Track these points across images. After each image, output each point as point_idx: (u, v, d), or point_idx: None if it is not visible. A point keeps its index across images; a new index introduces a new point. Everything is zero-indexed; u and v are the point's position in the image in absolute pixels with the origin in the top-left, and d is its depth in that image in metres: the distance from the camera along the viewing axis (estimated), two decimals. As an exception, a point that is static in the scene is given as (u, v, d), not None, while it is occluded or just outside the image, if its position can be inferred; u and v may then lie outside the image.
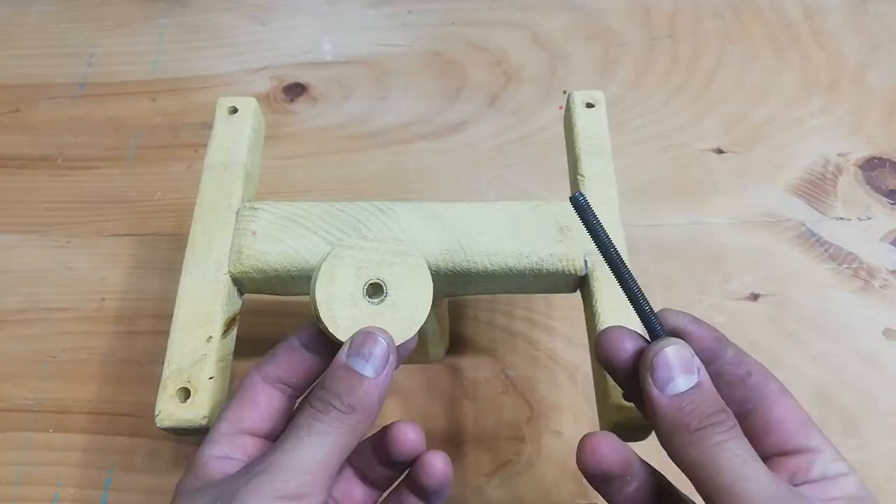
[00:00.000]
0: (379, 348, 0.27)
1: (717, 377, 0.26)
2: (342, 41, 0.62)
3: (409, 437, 0.29)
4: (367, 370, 0.27)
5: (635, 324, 0.31)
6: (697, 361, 0.26)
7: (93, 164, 0.54)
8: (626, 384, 0.28)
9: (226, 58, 0.61)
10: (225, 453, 0.27)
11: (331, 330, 0.28)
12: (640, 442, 0.30)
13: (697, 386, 0.25)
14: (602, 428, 0.31)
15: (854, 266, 0.49)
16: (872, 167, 0.54)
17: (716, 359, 0.27)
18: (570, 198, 0.27)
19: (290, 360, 0.29)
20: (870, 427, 0.43)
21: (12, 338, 0.47)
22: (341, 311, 0.28)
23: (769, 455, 0.26)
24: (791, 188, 0.53)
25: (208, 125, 0.38)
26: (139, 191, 0.53)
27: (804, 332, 0.46)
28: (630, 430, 0.30)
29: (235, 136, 0.37)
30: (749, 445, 0.24)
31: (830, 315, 0.47)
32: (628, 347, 0.27)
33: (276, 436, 0.28)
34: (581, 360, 0.45)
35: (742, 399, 0.27)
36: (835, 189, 0.53)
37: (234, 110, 0.38)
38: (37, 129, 0.57)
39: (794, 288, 0.48)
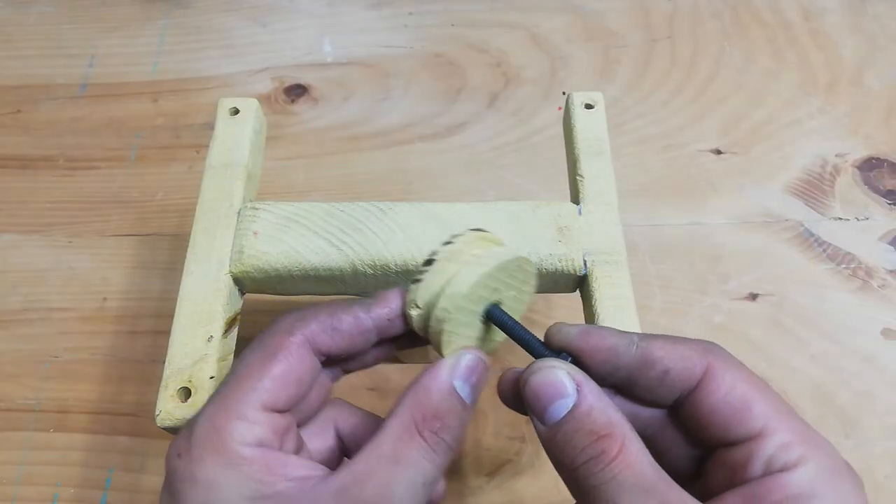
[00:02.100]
0: (482, 377, 0.25)
1: (632, 384, 0.25)
2: (343, 42, 0.62)
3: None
4: (468, 399, 0.25)
5: (635, 324, 0.31)
6: (578, 377, 0.24)
7: (94, 164, 0.55)
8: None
9: (227, 59, 0.61)
10: (259, 438, 0.24)
11: (443, 341, 0.26)
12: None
13: (572, 412, 0.23)
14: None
15: (852, 266, 0.49)
16: (870, 168, 0.54)
17: (618, 368, 0.25)
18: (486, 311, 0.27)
19: (353, 338, 0.26)
20: (868, 427, 0.43)
21: (13, 337, 0.47)
22: (463, 328, 0.26)
23: (714, 448, 0.24)
24: (789, 188, 0.53)
25: (209, 126, 0.39)
26: (141, 191, 0.53)
27: (803, 332, 0.46)
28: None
29: (237, 136, 0.37)
30: (644, 476, 0.21)
31: (829, 315, 0.47)
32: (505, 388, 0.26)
33: (294, 406, 0.25)
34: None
35: (670, 398, 0.25)
36: (833, 189, 0.53)
37: (236, 111, 0.38)
38: (38, 129, 0.57)
39: (792, 288, 0.48)
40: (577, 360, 0.25)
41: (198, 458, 0.23)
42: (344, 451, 0.29)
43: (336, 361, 0.27)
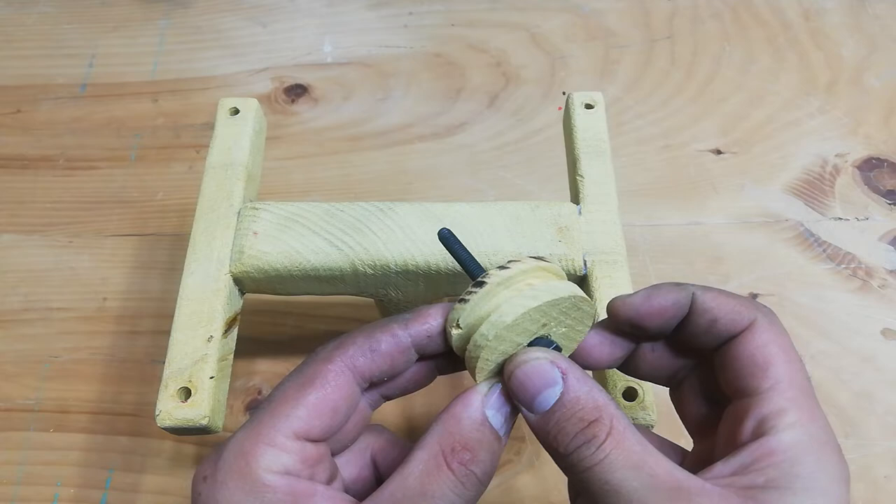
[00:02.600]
0: (512, 409, 0.24)
1: (678, 331, 0.25)
2: (343, 43, 0.62)
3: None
4: (501, 430, 0.24)
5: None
6: (562, 364, 0.24)
7: (94, 164, 0.55)
8: None
9: (227, 59, 0.61)
10: (286, 466, 0.23)
11: (477, 367, 0.24)
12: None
13: (560, 400, 0.23)
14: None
15: (852, 266, 0.49)
16: (870, 167, 0.54)
17: (675, 319, 0.25)
18: (438, 233, 0.27)
19: (393, 358, 0.25)
20: (868, 426, 0.43)
21: (13, 337, 0.47)
22: (501, 357, 0.25)
23: (731, 395, 0.24)
24: (789, 188, 0.53)
25: (209, 126, 0.39)
26: (141, 191, 0.53)
27: (803, 332, 0.46)
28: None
29: (237, 136, 0.37)
30: (633, 455, 0.22)
31: (829, 315, 0.47)
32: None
33: (330, 436, 0.25)
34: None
35: (713, 344, 0.25)
36: (833, 189, 0.53)
37: (236, 111, 0.38)
38: (38, 129, 0.57)
39: (792, 288, 0.48)
40: (639, 325, 0.26)
41: (222, 483, 0.23)
42: (379, 480, 0.28)
43: (376, 385, 0.26)
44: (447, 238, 0.27)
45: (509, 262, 0.25)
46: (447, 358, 0.27)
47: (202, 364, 0.31)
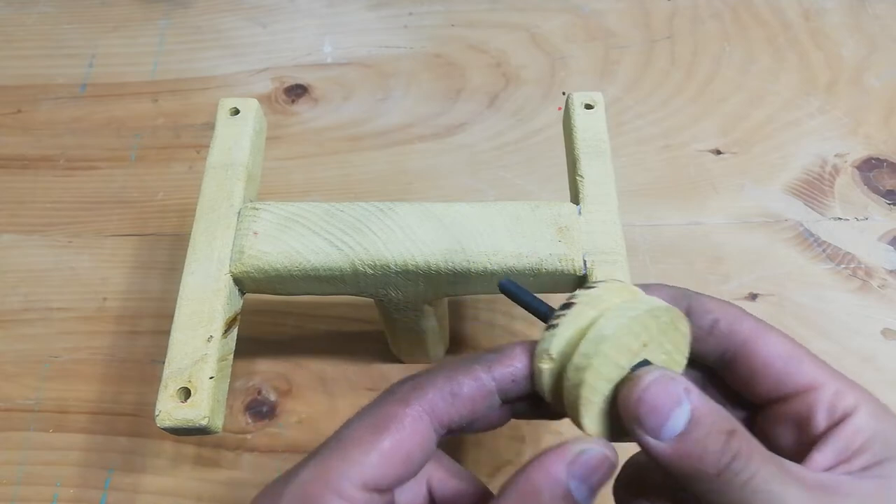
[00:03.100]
0: (605, 479, 0.22)
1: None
2: (343, 43, 0.62)
3: None
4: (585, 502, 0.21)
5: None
6: (682, 383, 0.22)
7: (94, 164, 0.55)
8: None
9: (227, 59, 0.61)
10: None
11: (582, 398, 0.22)
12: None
13: (694, 419, 0.21)
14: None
15: (852, 266, 0.49)
16: (870, 168, 0.54)
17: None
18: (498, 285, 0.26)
19: (475, 404, 0.24)
20: (868, 426, 0.43)
21: (13, 337, 0.47)
22: (604, 384, 0.22)
23: (767, 403, 0.24)
24: (789, 188, 0.53)
25: (210, 126, 0.39)
26: (141, 191, 0.53)
27: (802, 332, 0.46)
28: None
29: (237, 136, 0.37)
30: (773, 461, 0.21)
31: (828, 315, 0.47)
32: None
33: (400, 485, 0.23)
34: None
35: (717, 351, 0.25)
36: (832, 189, 0.53)
37: (236, 111, 0.38)
38: (38, 129, 0.57)
39: (792, 288, 0.48)
40: None
41: None
42: None
43: (453, 431, 0.25)
44: (510, 289, 0.26)
45: (593, 282, 0.24)
46: (530, 402, 0.25)
47: (202, 364, 0.31)
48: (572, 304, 0.23)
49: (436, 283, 0.33)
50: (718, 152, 0.55)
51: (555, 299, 0.48)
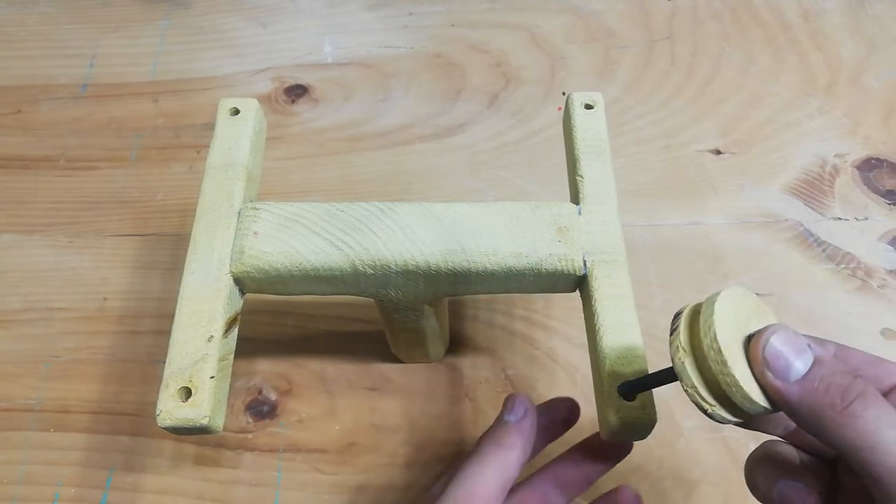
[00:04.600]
0: None
1: None
2: (343, 43, 0.62)
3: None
4: None
5: (634, 323, 0.32)
6: (804, 338, 0.24)
7: (95, 164, 0.55)
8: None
9: (227, 59, 0.61)
10: None
11: (742, 385, 0.24)
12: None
13: (818, 362, 0.24)
14: (601, 427, 0.31)
15: (852, 266, 0.49)
16: (870, 168, 0.54)
17: None
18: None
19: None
20: (867, 426, 0.43)
21: (14, 337, 0.47)
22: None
23: None
24: (789, 189, 0.53)
25: (210, 126, 0.39)
26: (141, 191, 0.53)
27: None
28: (629, 430, 0.30)
29: (237, 136, 0.37)
30: (892, 408, 0.22)
31: (828, 315, 0.47)
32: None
33: None
34: (580, 359, 0.45)
35: None
36: (832, 189, 0.53)
37: (236, 111, 0.38)
38: (39, 129, 0.57)
39: (792, 288, 0.48)
40: None
41: None
42: None
43: None
44: (634, 387, 0.29)
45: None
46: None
47: (202, 364, 0.31)
48: (680, 313, 0.26)
49: (436, 283, 0.34)
50: (718, 152, 0.55)
51: (555, 300, 0.48)
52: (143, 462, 0.42)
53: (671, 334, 0.26)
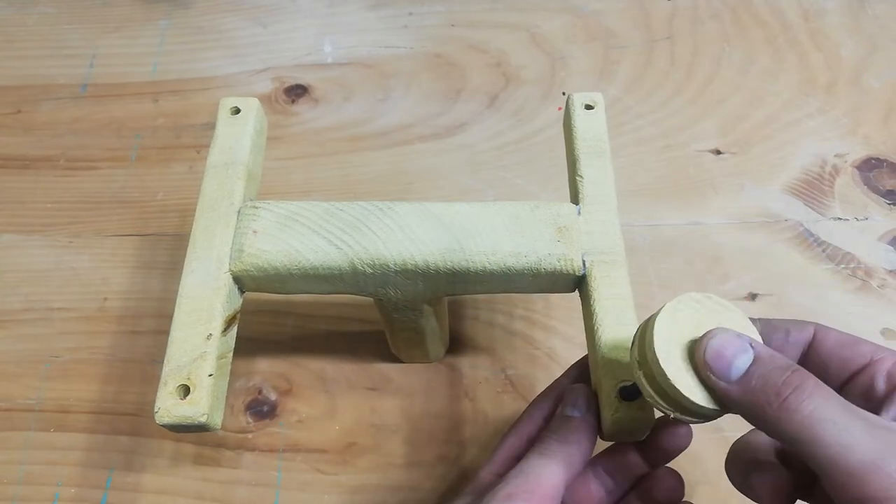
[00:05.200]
0: None
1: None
2: (343, 43, 0.62)
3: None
4: None
5: (633, 323, 0.32)
6: (747, 338, 0.25)
7: (95, 164, 0.55)
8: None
9: (227, 59, 0.61)
10: None
11: (685, 393, 0.25)
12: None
13: (756, 359, 0.24)
14: (601, 426, 0.31)
15: (852, 266, 0.49)
16: (870, 168, 0.54)
17: (770, 343, 0.28)
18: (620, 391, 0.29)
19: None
20: (867, 426, 0.43)
21: (14, 337, 0.47)
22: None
23: (840, 382, 0.27)
24: (789, 189, 0.53)
25: (210, 126, 0.39)
26: (141, 191, 0.53)
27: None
28: (628, 430, 0.30)
29: (238, 136, 0.37)
30: (836, 397, 0.23)
31: (828, 315, 0.47)
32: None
33: None
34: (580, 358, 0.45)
35: (794, 354, 0.28)
36: (832, 189, 0.53)
37: (237, 111, 0.38)
38: (39, 129, 0.57)
39: (791, 288, 0.48)
40: None
41: None
42: None
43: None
44: (629, 393, 0.30)
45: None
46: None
47: (201, 362, 0.31)
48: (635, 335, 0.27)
49: (435, 282, 0.34)
50: (718, 152, 0.55)
51: (555, 299, 0.48)
52: (143, 462, 0.42)
53: (629, 348, 0.27)
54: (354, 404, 0.44)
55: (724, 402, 0.25)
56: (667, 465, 0.32)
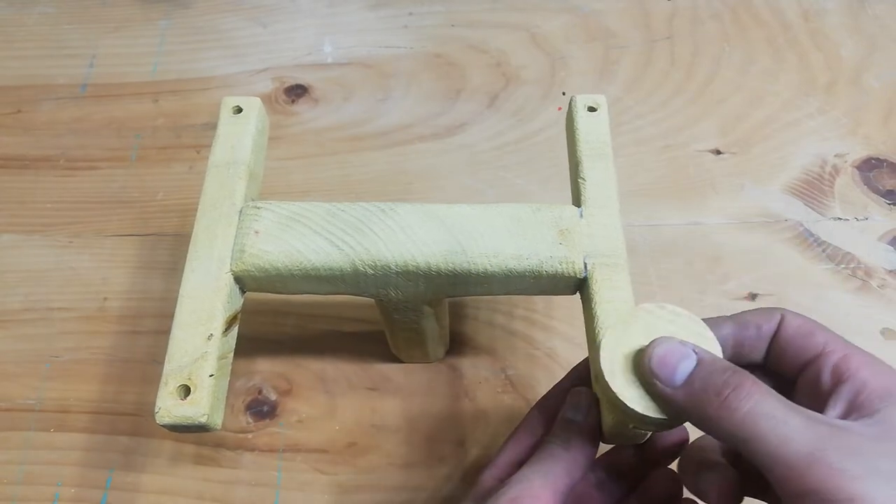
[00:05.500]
0: None
1: (737, 348, 0.29)
2: (343, 43, 0.62)
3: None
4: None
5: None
6: (690, 344, 0.26)
7: (95, 164, 0.55)
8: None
9: (227, 59, 0.61)
10: None
11: (631, 405, 0.27)
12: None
13: (699, 364, 0.25)
14: (602, 427, 0.31)
15: (852, 266, 0.49)
16: (870, 168, 0.54)
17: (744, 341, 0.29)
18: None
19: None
20: (867, 426, 0.43)
21: (14, 337, 0.47)
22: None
23: (796, 370, 0.28)
24: (789, 189, 0.53)
25: (210, 126, 0.39)
26: (141, 191, 0.53)
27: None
28: (628, 434, 0.30)
29: (240, 135, 0.37)
30: (774, 394, 0.24)
31: (828, 315, 0.47)
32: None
33: None
34: (580, 359, 0.45)
35: (763, 347, 0.29)
36: (832, 189, 0.53)
37: (239, 110, 0.38)
38: (39, 129, 0.57)
39: (791, 288, 0.48)
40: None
41: None
42: None
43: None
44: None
45: None
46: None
47: (202, 362, 0.31)
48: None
49: (436, 283, 0.34)
50: (718, 152, 0.55)
51: (556, 300, 0.48)
52: (143, 462, 0.42)
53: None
54: (354, 404, 0.44)
55: (672, 409, 0.26)
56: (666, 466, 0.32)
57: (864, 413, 0.24)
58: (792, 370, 0.28)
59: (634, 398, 0.26)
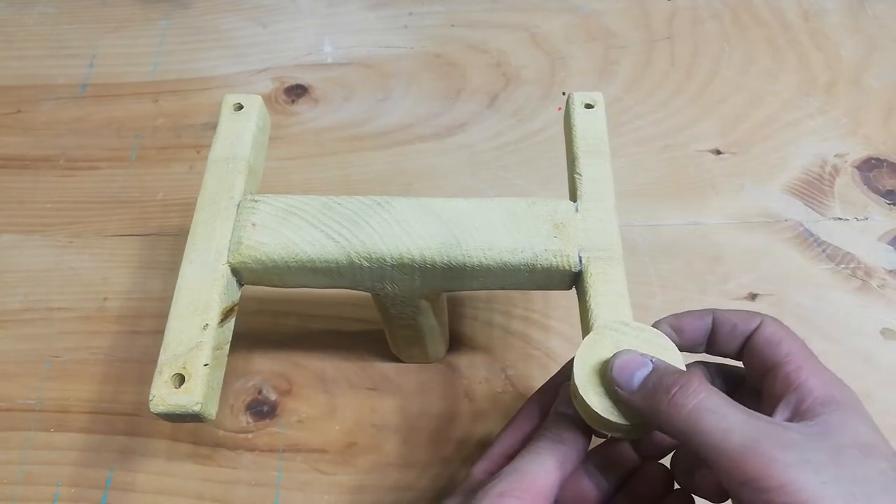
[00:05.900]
0: None
1: (711, 343, 0.31)
2: (343, 43, 0.62)
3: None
4: None
5: (629, 319, 0.32)
6: (648, 355, 0.28)
7: (95, 164, 0.55)
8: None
9: (227, 59, 0.61)
10: None
11: (602, 413, 0.28)
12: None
13: (654, 369, 0.27)
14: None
15: (852, 266, 0.49)
16: (870, 168, 0.54)
17: (704, 332, 0.31)
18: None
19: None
20: (868, 425, 0.43)
21: (14, 337, 0.47)
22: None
23: (761, 376, 0.29)
24: (789, 189, 0.53)
25: (210, 126, 0.39)
26: (141, 191, 0.53)
27: (802, 332, 0.45)
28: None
29: (240, 131, 0.37)
30: (718, 393, 0.26)
31: (828, 315, 0.47)
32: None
33: None
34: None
35: (737, 345, 0.30)
36: (832, 189, 0.53)
37: (240, 107, 0.38)
38: (39, 129, 0.57)
39: (791, 288, 0.48)
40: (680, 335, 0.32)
41: None
42: None
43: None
44: None
45: None
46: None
47: (197, 352, 0.31)
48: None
49: (431, 276, 0.34)
50: (718, 152, 0.55)
51: (554, 299, 0.48)
52: (142, 462, 0.42)
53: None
54: (354, 404, 0.44)
55: (634, 413, 0.27)
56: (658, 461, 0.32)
57: (807, 418, 0.26)
58: (758, 375, 0.30)
59: (605, 408, 0.28)
